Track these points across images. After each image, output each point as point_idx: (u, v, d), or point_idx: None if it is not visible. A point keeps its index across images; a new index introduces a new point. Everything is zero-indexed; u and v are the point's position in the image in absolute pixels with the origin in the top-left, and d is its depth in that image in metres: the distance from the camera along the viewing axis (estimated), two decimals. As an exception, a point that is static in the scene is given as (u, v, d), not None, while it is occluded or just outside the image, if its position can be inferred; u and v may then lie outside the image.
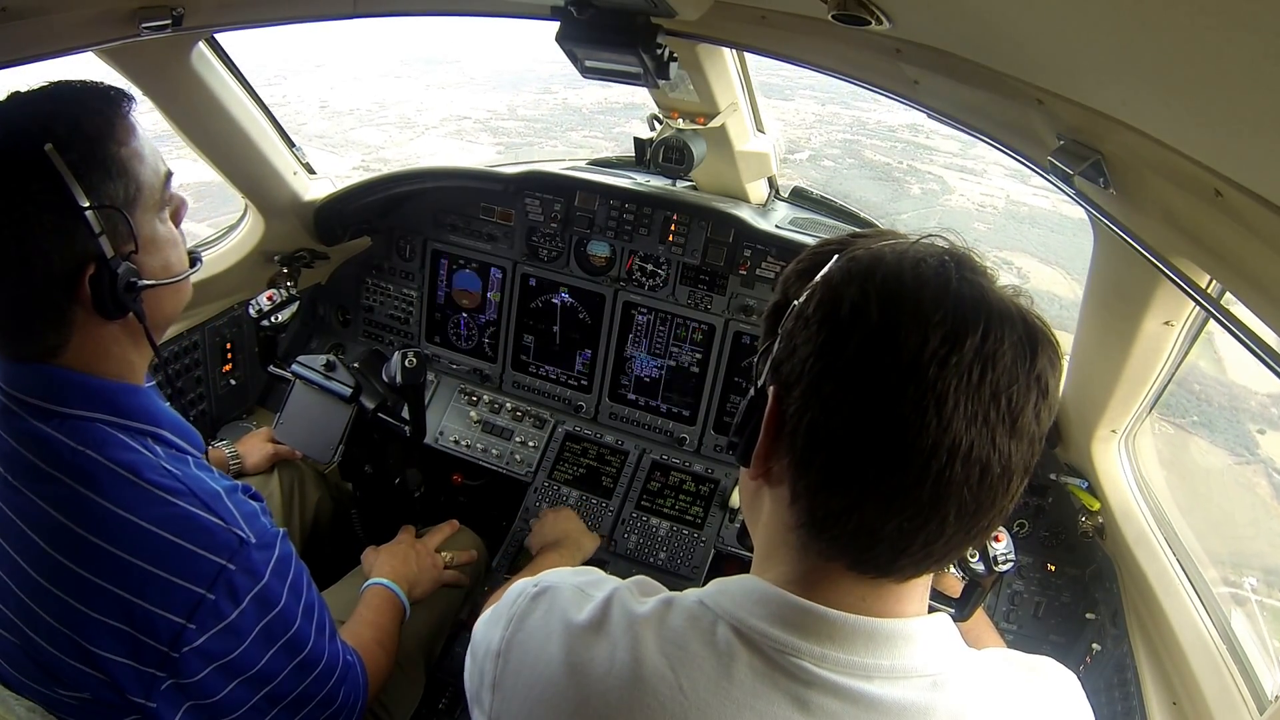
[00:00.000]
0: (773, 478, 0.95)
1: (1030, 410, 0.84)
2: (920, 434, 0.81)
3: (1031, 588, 2.50)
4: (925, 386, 0.80)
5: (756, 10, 1.83)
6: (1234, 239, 1.14)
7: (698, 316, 2.94)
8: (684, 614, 0.96)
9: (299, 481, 2.60)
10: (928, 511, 0.84)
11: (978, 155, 15.28)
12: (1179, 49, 0.78)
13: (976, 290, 0.85)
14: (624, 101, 16.50)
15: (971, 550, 1.83)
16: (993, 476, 0.83)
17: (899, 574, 0.91)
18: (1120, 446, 2.18)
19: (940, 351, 0.80)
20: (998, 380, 0.82)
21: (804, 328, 0.89)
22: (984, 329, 0.82)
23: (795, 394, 0.88)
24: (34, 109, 1.34)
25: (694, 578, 2.77)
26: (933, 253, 0.89)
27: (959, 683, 0.91)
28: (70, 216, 1.31)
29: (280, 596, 1.45)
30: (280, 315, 2.47)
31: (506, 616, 1.08)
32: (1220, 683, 1.74)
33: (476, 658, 1.11)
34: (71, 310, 1.36)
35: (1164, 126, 1.00)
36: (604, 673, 0.93)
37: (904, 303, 0.83)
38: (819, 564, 0.92)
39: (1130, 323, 1.77)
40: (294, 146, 2.91)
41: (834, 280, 0.90)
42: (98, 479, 1.33)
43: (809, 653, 0.88)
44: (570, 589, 1.06)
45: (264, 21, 2.26)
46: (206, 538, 1.35)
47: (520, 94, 18.77)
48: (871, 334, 0.83)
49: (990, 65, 1.27)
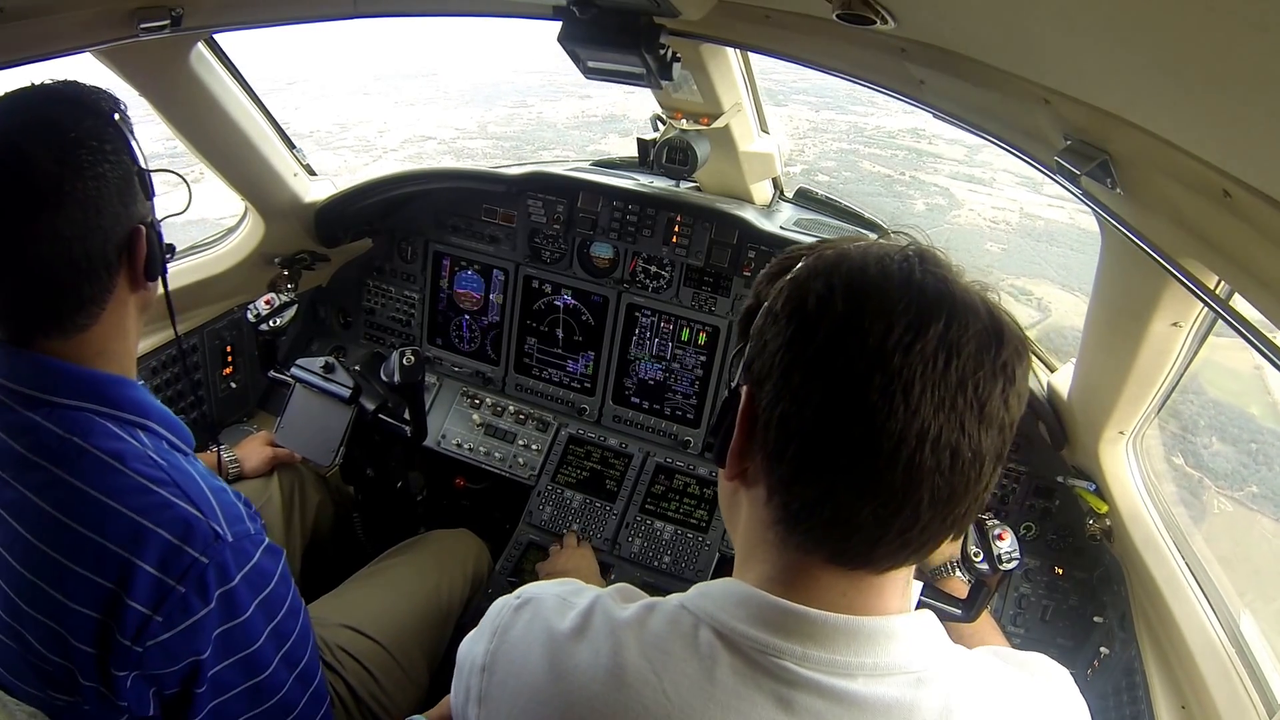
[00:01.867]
0: (749, 478, 0.97)
1: (998, 397, 0.86)
2: (889, 419, 0.82)
3: (1039, 591, 2.48)
4: (891, 373, 0.82)
5: (760, 10, 1.81)
6: (1243, 240, 1.12)
7: (702, 318, 2.93)
8: (665, 618, 0.96)
9: (299, 485, 2.59)
10: (901, 497, 0.85)
11: (984, 162, 14.04)
12: (1187, 49, 0.77)
13: (939, 282, 0.87)
14: (602, 114, 15.63)
15: (976, 549, 1.83)
16: (963, 462, 0.85)
17: (877, 564, 0.92)
18: (1128, 448, 2.16)
19: (905, 339, 0.83)
20: (963, 367, 0.84)
21: (773, 324, 0.92)
22: (946, 318, 0.84)
23: (766, 388, 0.91)
24: (82, 86, 1.41)
25: (699, 581, 2.75)
26: (896, 248, 0.92)
27: (944, 679, 0.91)
28: (132, 179, 1.39)
29: (247, 607, 1.40)
30: (278, 319, 2.46)
31: (490, 630, 1.08)
32: (1229, 687, 1.72)
33: (462, 674, 1.11)
34: (116, 277, 1.40)
35: (1172, 126, 0.99)
36: (588, 678, 0.93)
37: (869, 294, 0.86)
38: (798, 558, 0.93)
39: (1138, 324, 1.76)
40: (294, 148, 2.90)
41: (800, 277, 0.93)
42: (81, 465, 1.32)
43: (790, 653, 0.89)
44: (552, 598, 1.07)
45: (263, 22, 2.25)
46: (183, 529, 1.32)
47: (494, 109, 17.62)
48: (837, 324, 0.86)
49: (996, 65, 1.26)
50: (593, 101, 15.87)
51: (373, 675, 2.10)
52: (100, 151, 1.33)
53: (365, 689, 2.07)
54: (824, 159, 15.96)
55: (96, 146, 1.33)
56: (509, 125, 16.96)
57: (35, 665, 1.36)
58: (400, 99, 20.28)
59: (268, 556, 1.45)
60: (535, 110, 17.32)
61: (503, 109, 17.18)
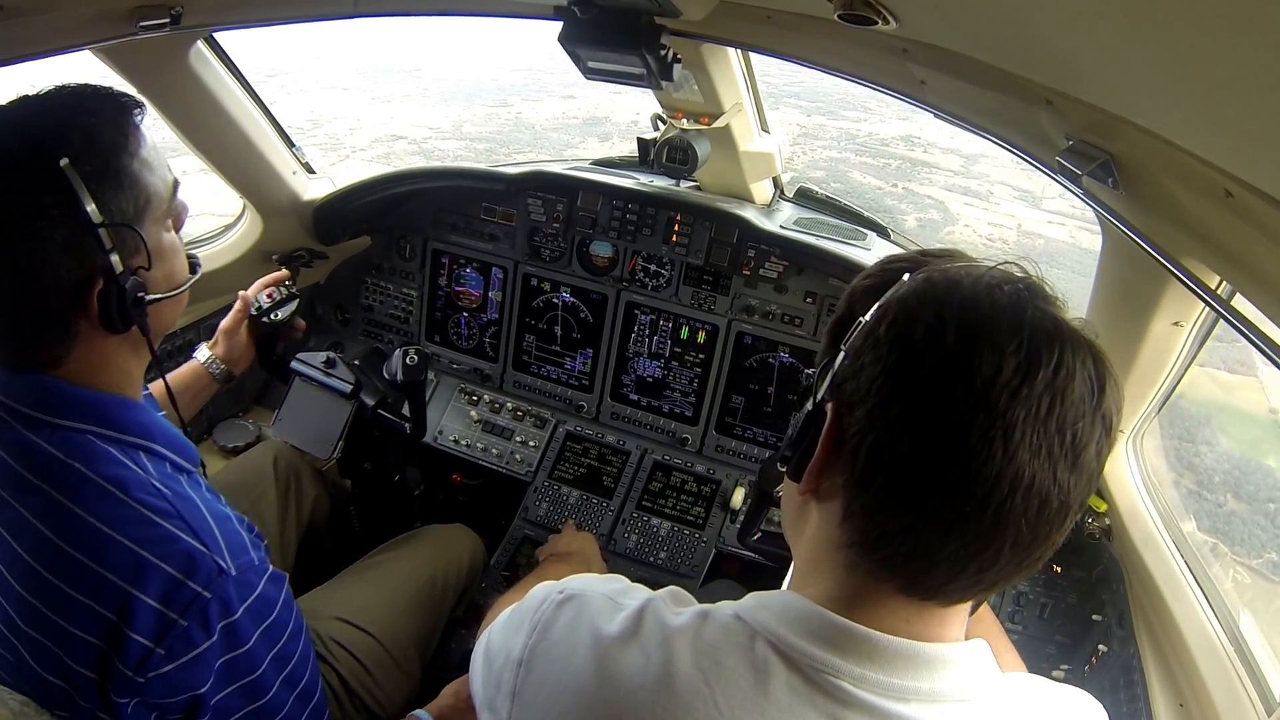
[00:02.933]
0: (822, 493, 0.94)
1: (1093, 446, 0.84)
2: (986, 463, 0.80)
3: (1038, 589, 2.48)
4: (995, 416, 0.80)
5: (762, 10, 1.81)
6: (1244, 240, 1.13)
7: (701, 317, 2.93)
8: (720, 627, 0.95)
9: (296, 478, 2.59)
10: (985, 540, 0.84)
11: (982, 174, 13.10)
12: (1189, 49, 0.77)
13: (1050, 321, 0.84)
14: (584, 116, 14.79)
15: None
16: (1050, 510, 0.83)
17: (946, 598, 0.91)
18: (1128, 447, 2.17)
19: (1013, 381, 0.80)
20: (1065, 414, 0.81)
21: (873, 347, 0.88)
22: (1057, 361, 0.81)
23: (858, 413, 0.88)
24: (47, 116, 1.31)
25: (694, 577, 2.77)
26: (1009, 279, 0.88)
27: (991, 708, 0.91)
28: (82, 232, 1.28)
29: (250, 637, 1.38)
30: (280, 313, 2.46)
31: (530, 624, 1.06)
32: (1228, 684, 1.73)
33: (494, 664, 1.09)
34: (76, 323, 1.34)
35: (1174, 127, 0.99)
36: (636, 685, 0.92)
37: (980, 330, 0.83)
38: (867, 583, 0.91)
39: (1139, 323, 1.76)
40: (293, 146, 2.90)
41: (909, 301, 0.89)
42: (83, 493, 1.30)
43: (849, 673, 0.88)
44: (599, 597, 1.05)
45: (263, 21, 2.25)
46: (186, 563, 1.30)
47: (473, 107, 16.68)
48: (946, 359, 0.83)
49: (998, 65, 1.26)
50: (576, 102, 15.21)
51: (365, 667, 2.10)
52: (36, 209, 1.25)
53: (358, 681, 2.08)
54: (813, 168, 15.31)
55: (31, 204, 1.25)
56: (485, 125, 16.09)
57: (32, 683, 1.34)
58: (379, 95, 19.50)
59: (271, 585, 1.43)
60: (515, 110, 16.46)
61: (482, 108, 16.33)
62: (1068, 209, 5.41)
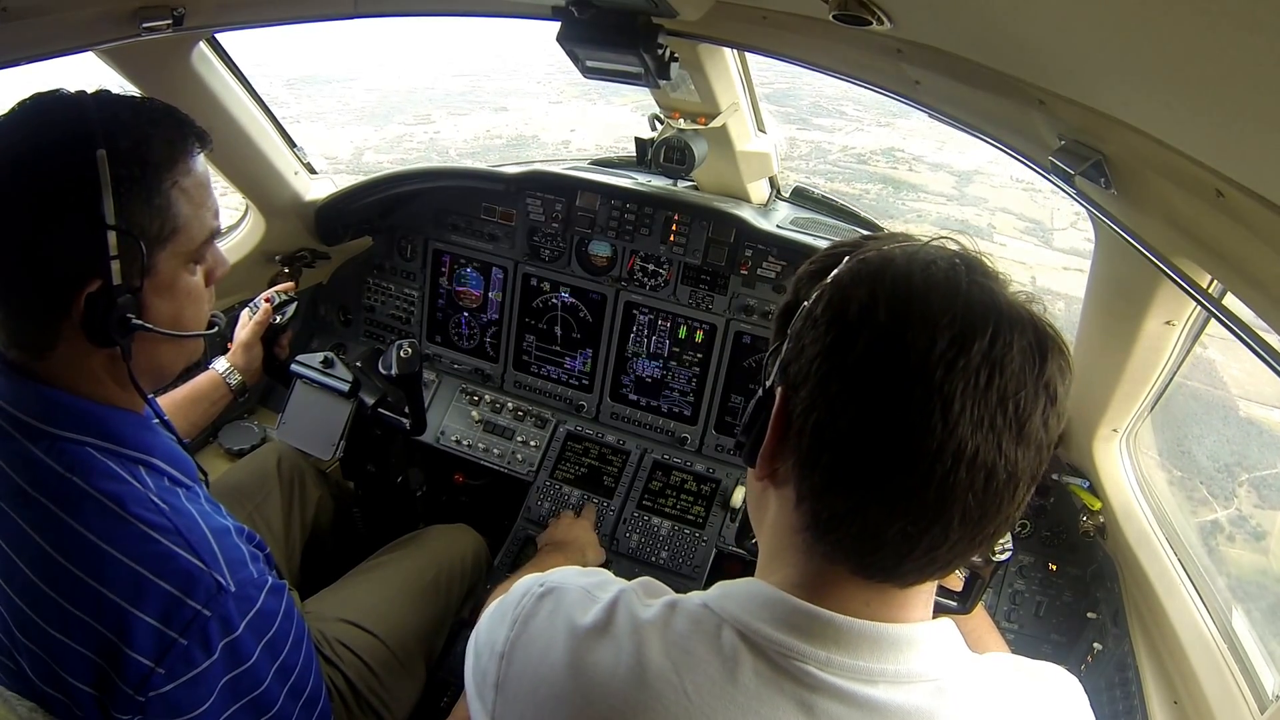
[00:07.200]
0: (778, 478, 0.95)
1: (1038, 416, 0.83)
2: (926, 436, 0.80)
3: (1033, 587, 2.50)
4: (932, 389, 0.80)
5: (758, 10, 1.83)
6: (1235, 239, 1.14)
7: (699, 316, 2.94)
8: (688, 617, 0.95)
9: (300, 480, 2.60)
10: (932, 516, 0.83)
11: (978, 197, 10.88)
12: (1181, 49, 0.78)
13: (986, 294, 0.84)
14: (510, 135, 12.81)
15: None
16: (998, 482, 0.83)
17: (902, 579, 0.91)
18: (1121, 446, 2.18)
19: (948, 354, 0.80)
20: (1005, 385, 0.81)
21: (812, 328, 0.89)
22: (992, 332, 0.81)
23: (802, 394, 0.88)
24: (111, 111, 1.31)
25: (695, 577, 2.78)
26: (943, 255, 0.88)
27: (963, 687, 0.91)
28: (92, 228, 1.26)
29: (252, 653, 1.36)
30: (279, 316, 2.47)
31: (512, 616, 1.07)
32: (1221, 682, 1.74)
33: (480, 655, 1.10)
34: (60, 318, 1.30)
35: (1165, 127, 1.00)
36: (608, 676, 0.93)
37: (912, 305, 0.83)
38: (824, 567, 0.92)
39: (1131, 322, 1.77)
40: (295, 146, 2.91)
41: (843, 281, 0.90)
42: (81, 507, 1.29)
43: (814, 657, 0.88)
44: (576, 590, 1.06)
45: (265, 22, 2.26)
46: (185, 580, 1.29)
47: (387, 126, 14.23)
48: (879, 335, 0.83)
49: (992, 66, 1.27)
50: (507, 116, 13.29)
51: (371, 669, 2.10)
52: (58, 189, 1.25)
53: (363, 683, 2.08)
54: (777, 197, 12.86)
55: (57, 183, 1.25)
56: (390, 153, 13.61)
57: (35, 694, 1.33)
58: (293, 113, 16.54)
59: (271, 597, 1.41)
60: (435, 129, 14.20)
61: (399, 126, 14.10)
62: (1083, 245, 4.18)
